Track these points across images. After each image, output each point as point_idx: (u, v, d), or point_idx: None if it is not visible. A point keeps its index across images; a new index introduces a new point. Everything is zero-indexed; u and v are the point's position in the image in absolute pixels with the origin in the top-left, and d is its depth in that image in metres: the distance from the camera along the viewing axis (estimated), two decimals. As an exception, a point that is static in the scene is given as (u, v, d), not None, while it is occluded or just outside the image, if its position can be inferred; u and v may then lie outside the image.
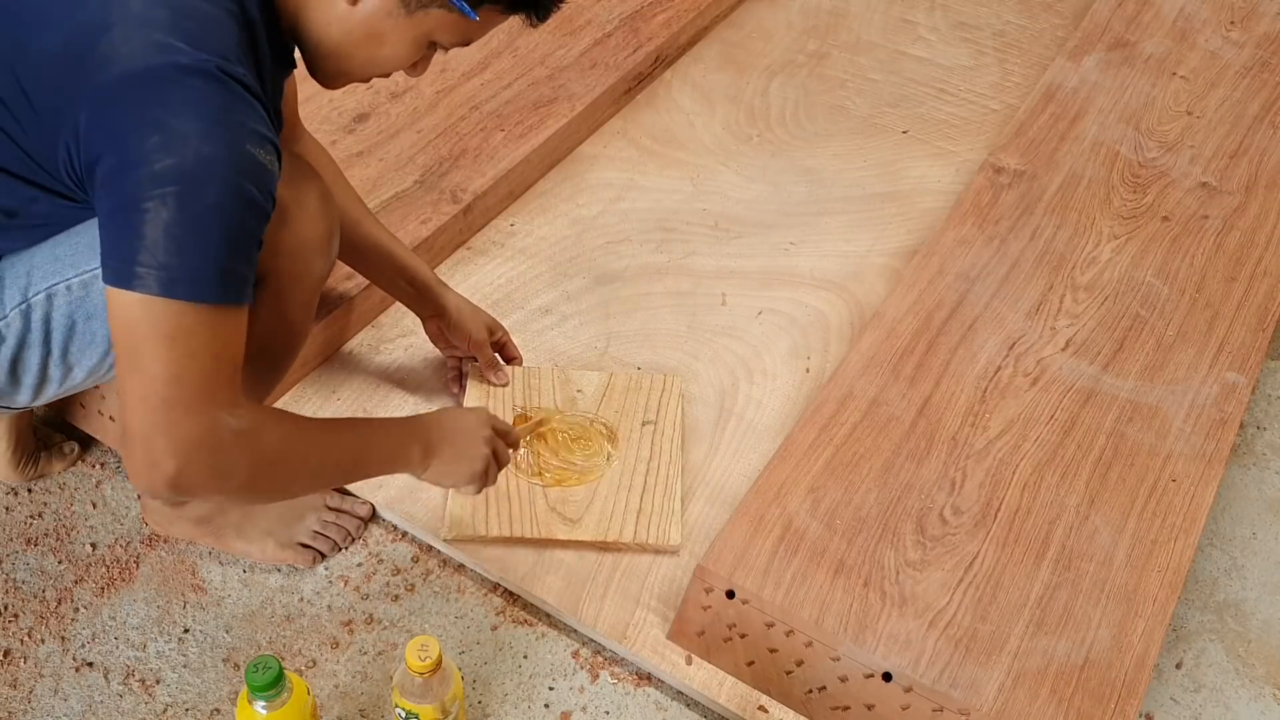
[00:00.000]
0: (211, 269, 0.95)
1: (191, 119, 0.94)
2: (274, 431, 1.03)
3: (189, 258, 0.94)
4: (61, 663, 1.32)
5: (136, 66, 0.95)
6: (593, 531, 1.39)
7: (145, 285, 0.93)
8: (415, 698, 1.16)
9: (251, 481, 1.02)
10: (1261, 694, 1.40)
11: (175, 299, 0.94)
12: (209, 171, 0.94)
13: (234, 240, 0.97)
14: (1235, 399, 1.53)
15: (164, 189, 0.93)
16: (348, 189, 1.44)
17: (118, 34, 0.95)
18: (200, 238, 0.95)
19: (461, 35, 1.10)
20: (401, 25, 1.07)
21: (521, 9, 1.10)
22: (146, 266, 0.93)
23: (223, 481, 1.00)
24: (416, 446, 1.19)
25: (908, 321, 1.59)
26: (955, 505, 1.37)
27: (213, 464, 0.98)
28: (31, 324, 1.11)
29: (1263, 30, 2.23)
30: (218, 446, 0.98)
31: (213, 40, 0.98)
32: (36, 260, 1.11)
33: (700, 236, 1.88)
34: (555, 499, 1.42)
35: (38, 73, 0.98)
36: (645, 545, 1.40)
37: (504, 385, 1.53)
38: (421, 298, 1.48)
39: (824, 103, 2.16)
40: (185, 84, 0.95)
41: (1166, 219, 1.80)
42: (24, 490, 1.48)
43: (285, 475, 1.07)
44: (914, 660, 1.22)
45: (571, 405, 1.53)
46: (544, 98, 1.98)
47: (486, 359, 1.51)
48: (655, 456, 1.49)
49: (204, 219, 0.95)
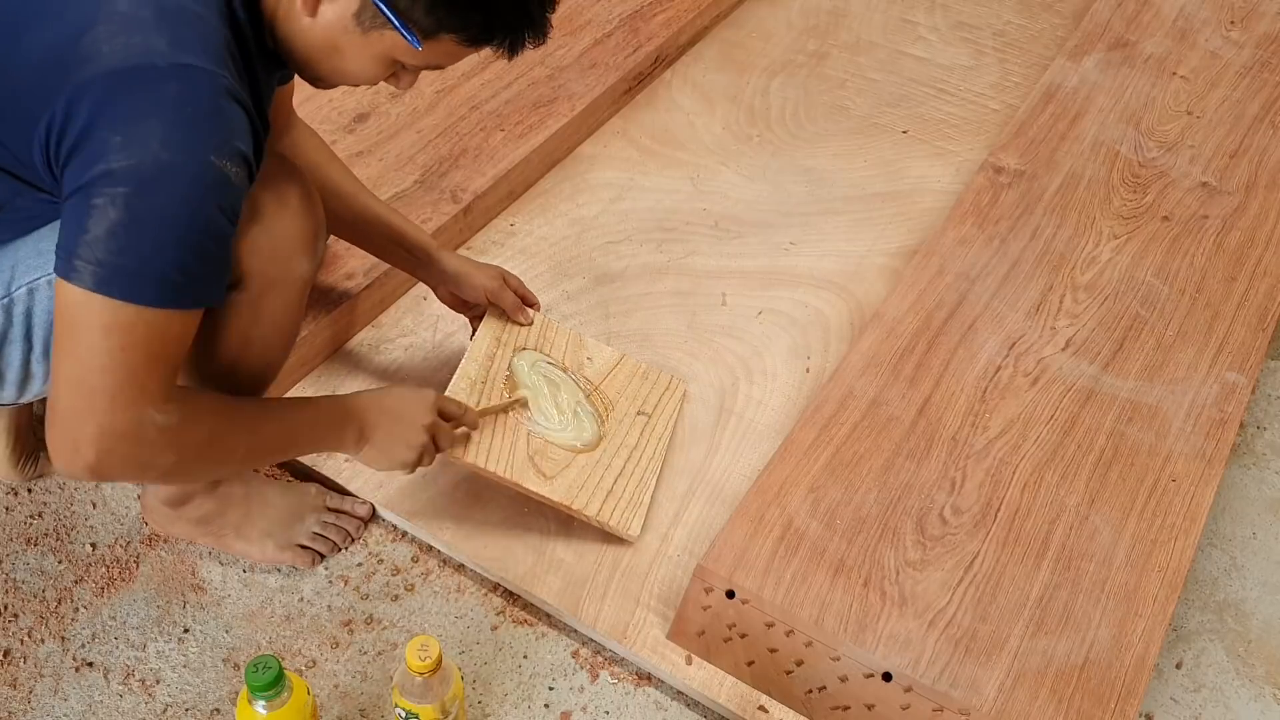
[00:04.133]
0: (149, 272, 0.96)
1: (156, 123, 0.95)
2: (201, 425, 1.05)
3: (127, 259, 0.95)
4: (61, 663, 1.32)
5: (114, 65, 0.95)
6: (561, 494, 1.37)
7: (80, 279, 0.95)
8: (415, 698, 1.16)
9: (173, 471, 1.05)
10: (1261, 694, 1.40)
11: (108, 296, 0.95)
12: (162, 177, 0.95)
13: (178, 247, 0.97)
14: (1235, 399, 1.53)
15: (115, 189, 0.94)
16: (340, 166, 1.44)
17: (101, 32, 0.96)
18: (142, 241, 0.95)
19: (422, 60, 1.09)
20: (358, 43, 1.06)
21: (486, 44, 1.08)
22: (84, 261, 0.95)
23: (142, 472, 1.03)
24: (351, 428, 1.20)
25: (908, 321, 1.59)
26: (955, 505, 1.37)
27: (132, 456, 1.00)
28: (13, 319, 1.11)
29: (1263, 30, 2.23)
30: (140, 440, 1.00)
31: (197, 43, 0.98)
32: (20, 255, 1.11)
33: (700, 236, 1.88)
34: (536, 450, 1.40)
35: (22, 69, 0.98)
36: (605, 525, 1.39)
37: (529, 324, 1.51)
38: (423, 264, 1.48)
39: (824, 103, 2.16)
40: (159, 87, 0.95)
41: (1166, 219, 1.80)
42: (24, 490, 1.48)
43: (210, 464, 1.11)
44: (914, 660, 1.22)
45: (578, 369, 1.52)
46: (544, 98, 1.98)
47: (510, 303, 1.49)
48: (640, 448, 1.48)
49: (149, 223, 0.95)
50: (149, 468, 1.03)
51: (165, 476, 1.05)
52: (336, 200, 1.39)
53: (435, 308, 1.68)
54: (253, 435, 1.12)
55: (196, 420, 1.04)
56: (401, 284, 1.71)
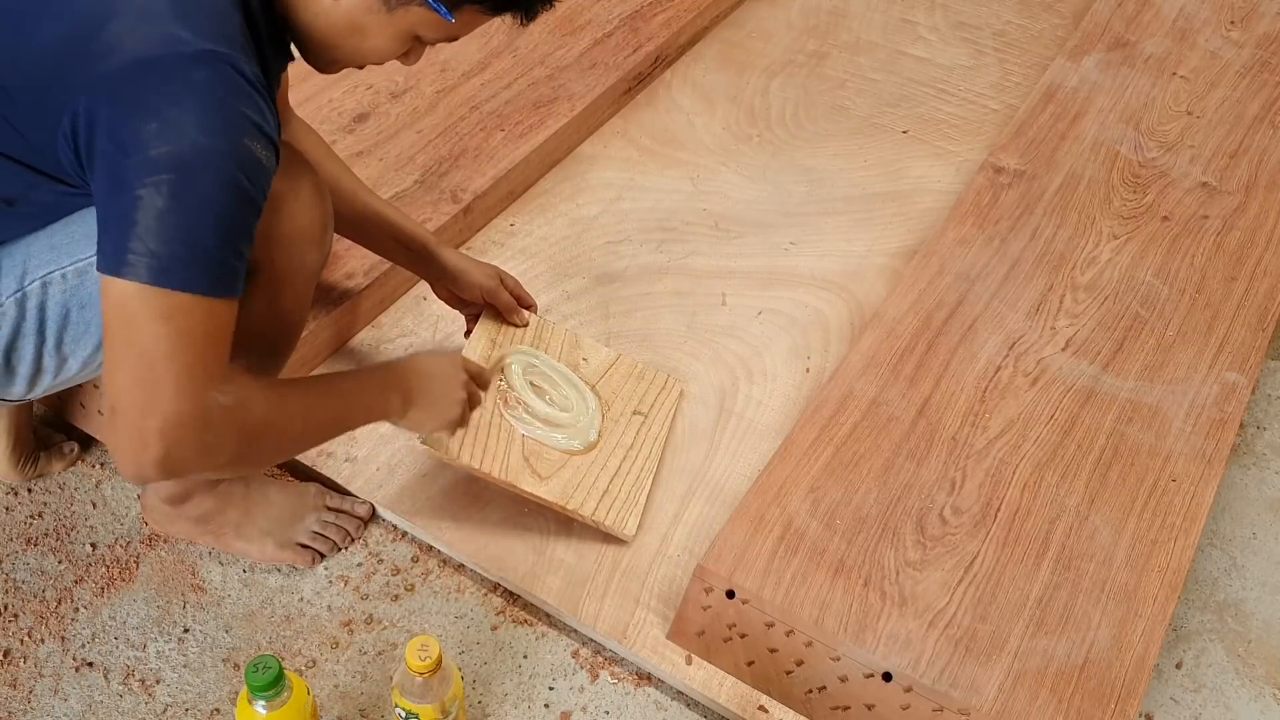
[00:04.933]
0: (201, 259, 0.96)
1: (190, 108, 0.95)
2: (259, 404, 1.04)
3: (179, 246, 0.95)
4: (61, 663, 1.32)
5: (139, 55, 0.95)
6: (557, 494, 1.37)
7: (135, 273, 0.94)
8: (415, 698, 1.16)
9: (238, 456, 1.03)
10: (1261, 694, 1.40)
11: (165, 288, 0.95)
12: (204, 161, 0.95)
13: (225, 231, 0.97)
14: (1235, 399, 1.53)
15: (159, 176, 0.94)
16: (338, 162, 1.45)
17: (121, 24, 0.96)
18: (191, 227, 0.95)
19: (444, 32, 1.11)
20: (382, 20, 1.08)
21: (506, 9, 1.10)
22: (137, 254, 0.94)
23: (210, 459, 1.01)
24: (395, 395, 1.20)
25: (908, 321, 1.59)
26: (955, 505, 1.37)
27: (201, 442, 0.99)
28: (26, 312, 1.12)
29: (1263, 30, 2.23)
30: (207, 425, 0.99)
31: (216, 30, 0.98)
32: (33, 249, 1.11)
33: (700, 236, 1.88)
34: (531, 451, 1.40)
35: (40, 61, 0.99)
36: (601, 525, 1.39)
37: (524, 325, 1.52)
38: (421, 260, 1.48)
39: (824, 103, 2.16)
40: (186, 73, 0.95)
41: (1166, 219, 1.80)
42: (24, 490, 1.48)
43: (271, 445, 1.09)
44: (914, 660, 1.22)
45: (574, 370, 1.52)
46: (544, 98, 1.98)
47: (505, 303, 1.50)
48: (636, 447, 1.48)
49: (196, 208, 0.95)
50: (216, 453, 1.01)
51: (230, 463, 1.03)
52: (335, 197, 1.39)
53: (435, 308, 1.68)
54: (307, 410, 1.11)
55: (253, 399, 1.03)
56: (401, 284, 1.71)
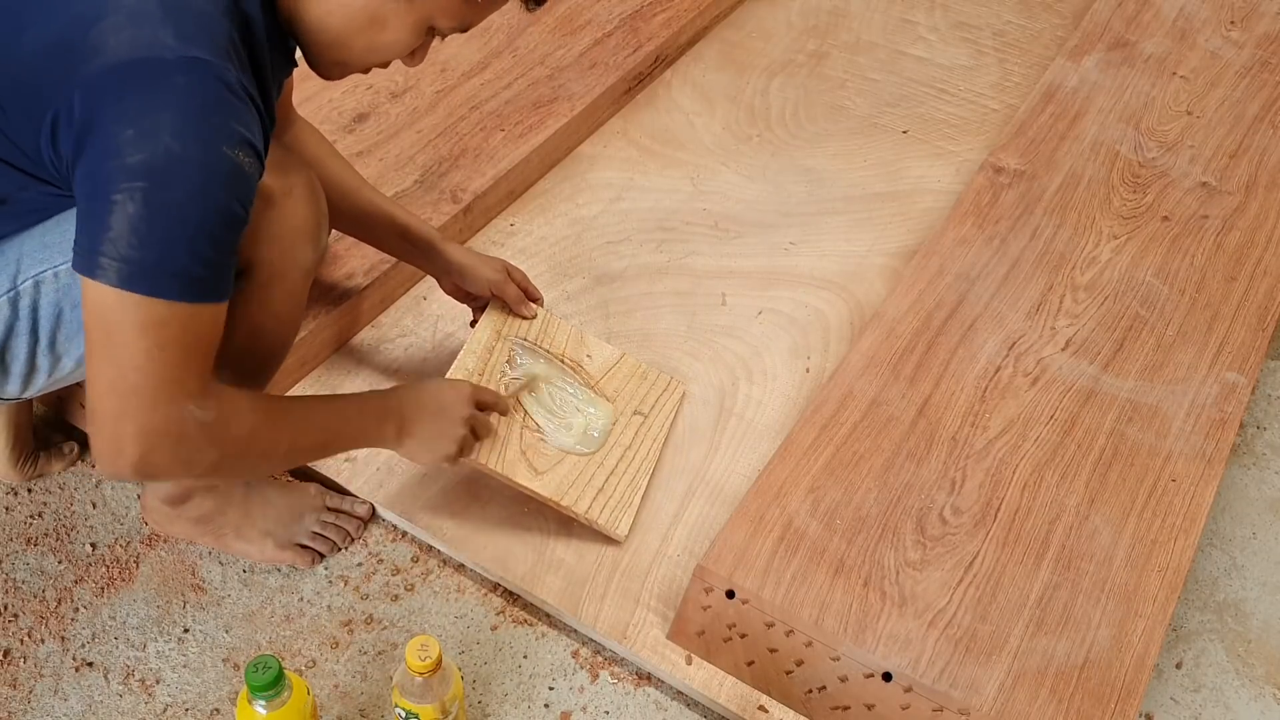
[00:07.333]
0: (172, 266, 0.96)
1: (169, 115, 0.95)
2: (243, 421, 1.05)
3: (150, 253, 0.95)
4: (61, 663, 1.32)
5: (122, 58, 0.95)
6: (552, 490, 1.37)
7: (106, 276, 0.95)
8: (415, 698, 1.16)
9: (217, 468, 1.04)
10: (1261, 694, 1.40)
11: (136, 293, 0.95)
12: (178, 169, 0.95)
13: (198, 240, 0.97)
14: (1235, 399, 1.53)
15: (133, 183, 0.94)
16: (341, 161, 1.45)
17: (108, 25, 0.96)
18: (163, 235, 0.95)
19: (460, 19, 1.11)
20: (402, 9, 1.07)
21: None
22: (109, 258, 0.94)
23: (187, 468, 1.03)
24: (390, 424, 1.21)
25: (908, 321, 1.59)
26: (955, 505, 1.37)
27: (176, 453, 1.00)
28: (19, 312, 1.12)
29: (1263, 30, 2.23)
30: (182, 436, 1.00)
31: (204, 36, 0.98)
32: (26, 248, 1.11)
33: (700, 236, 1.88)
34: (528, 445, 1.40)
35: (29, 62, 0.99)
36: (594, 523, 1.39)
37: (532, 318, 1.51)
38: (425, 255, 1.48)
39: (824, 103, 2.16)
40: (169, 79, 0.95)
41: (1166, 219, 1.80)
42: (24, 490, 1.48)
43: (252, 461, 1.10)
44: (914, 660, 1.22)
45: (577, 366, 1.52)
46: (544, 98, 1.98)
47: (512, 296, 1.50)
48: (634, 447, 1.48)
49: (169, 216, 0.95)
50: (193, 464, 1.02)
51: (209, 473, 1.04)
52: (339, 195, 1.39)
53: (435, 308, 1.68)
54: (295, 432, 1.12)
55: (237, 416, 1.04)
56: (402, 284, 1.71)
